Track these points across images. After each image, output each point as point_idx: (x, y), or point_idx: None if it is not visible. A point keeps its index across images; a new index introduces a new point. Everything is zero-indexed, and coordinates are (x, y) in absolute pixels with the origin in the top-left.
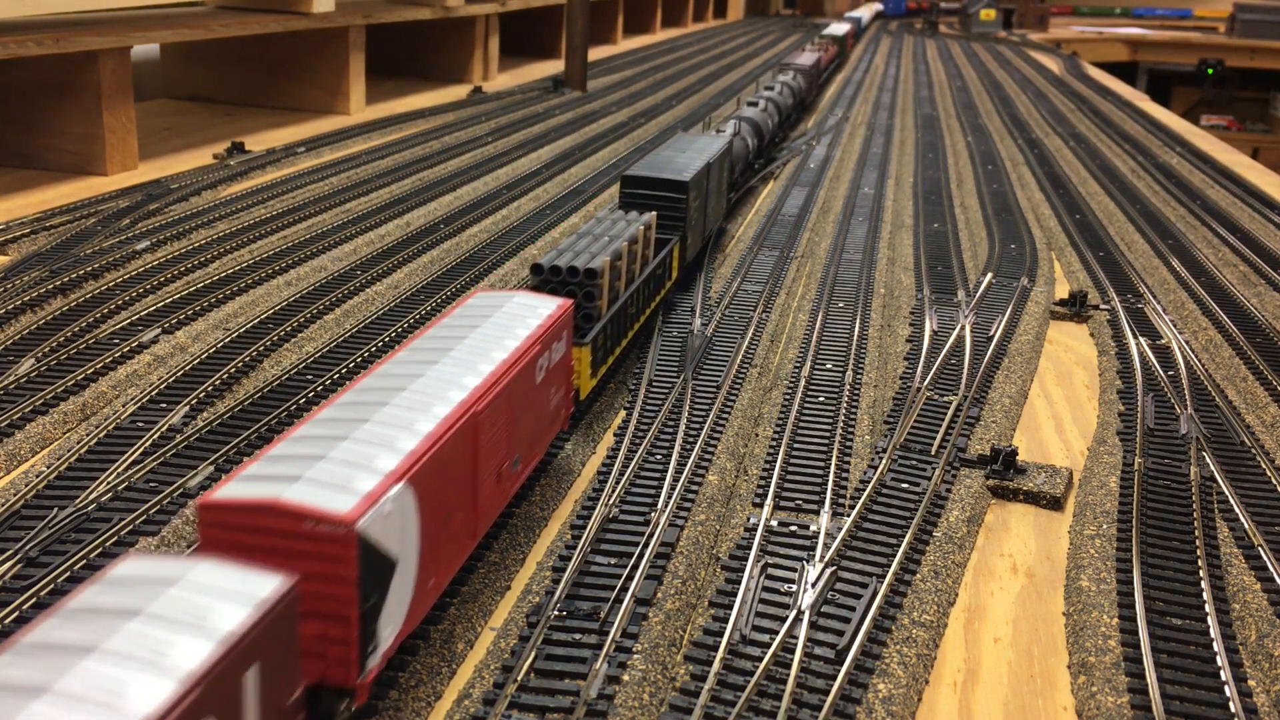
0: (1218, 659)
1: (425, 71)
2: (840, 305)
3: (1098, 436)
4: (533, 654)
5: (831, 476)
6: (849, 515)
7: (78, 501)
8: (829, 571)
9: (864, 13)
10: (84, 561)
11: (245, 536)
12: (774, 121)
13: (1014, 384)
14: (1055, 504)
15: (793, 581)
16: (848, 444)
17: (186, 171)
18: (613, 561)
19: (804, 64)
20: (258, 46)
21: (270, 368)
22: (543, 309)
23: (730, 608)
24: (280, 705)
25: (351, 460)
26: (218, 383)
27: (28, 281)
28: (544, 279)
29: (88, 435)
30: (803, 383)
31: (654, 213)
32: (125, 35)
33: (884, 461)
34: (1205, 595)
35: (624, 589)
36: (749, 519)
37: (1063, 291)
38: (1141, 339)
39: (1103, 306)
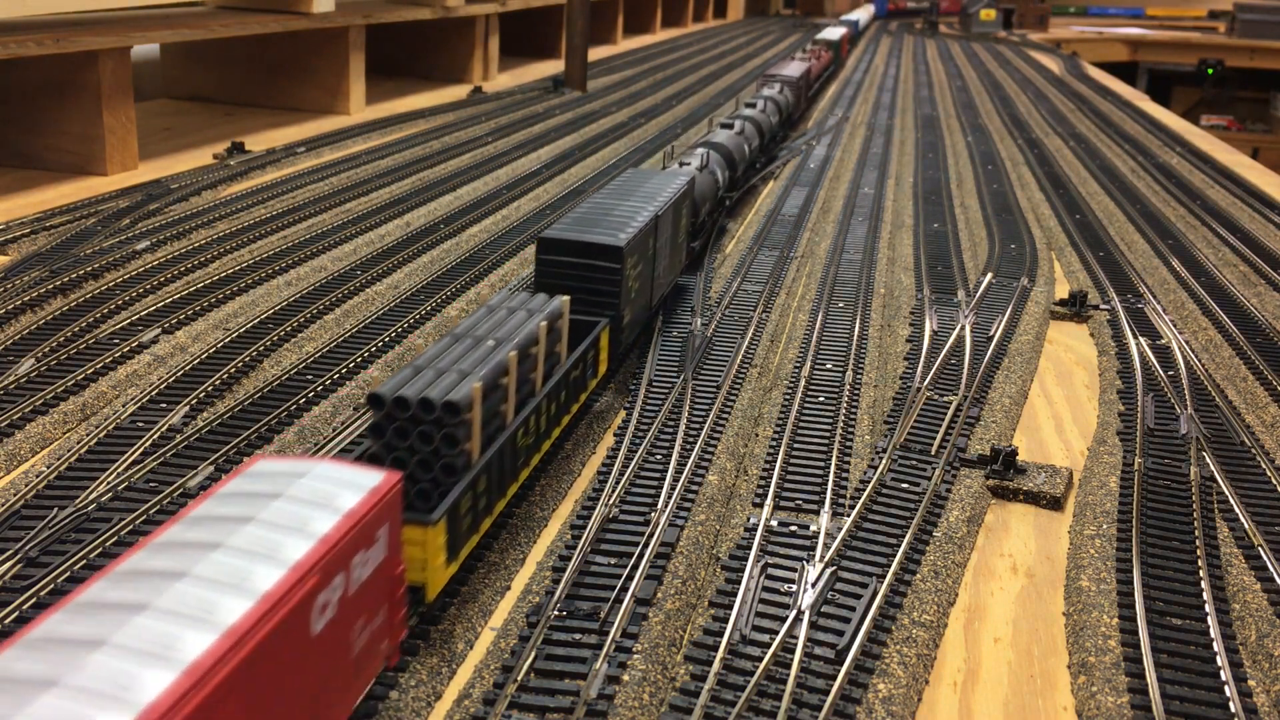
0: (1218, 659)
1: (425, 71)
2: (840, 305)
3: (1098, 436)
4: (533, 654)
5: (831, 476)
6: (849, 515)
7: (78, 501)
8: (829, 571)
9: (861, 14)
10: (84, 561)
11: None
12: (752, 146)
13: (1014, 384)
14: (1055, 504)
15: (793, 581)
16: (848, 444)
17: (186, 171)
18: (613, 561)
19: (791, 75)
20: (258, 46)
21: (270, 368)
22: (344, 497)
23: (730, 608)
24: None
25: None
26: (218, 383)
27: (28, 281)
28: (386, 415)
29: (88, 435)
30: (803, 383)
31: (565, 299)
32: (125, 35)
33: (884, 461)
34: (1205, 595)
35: (624, 589)
36: (749, 519)
37: (1063, 291)
38: (1141, 339)
39: (1103, 306)
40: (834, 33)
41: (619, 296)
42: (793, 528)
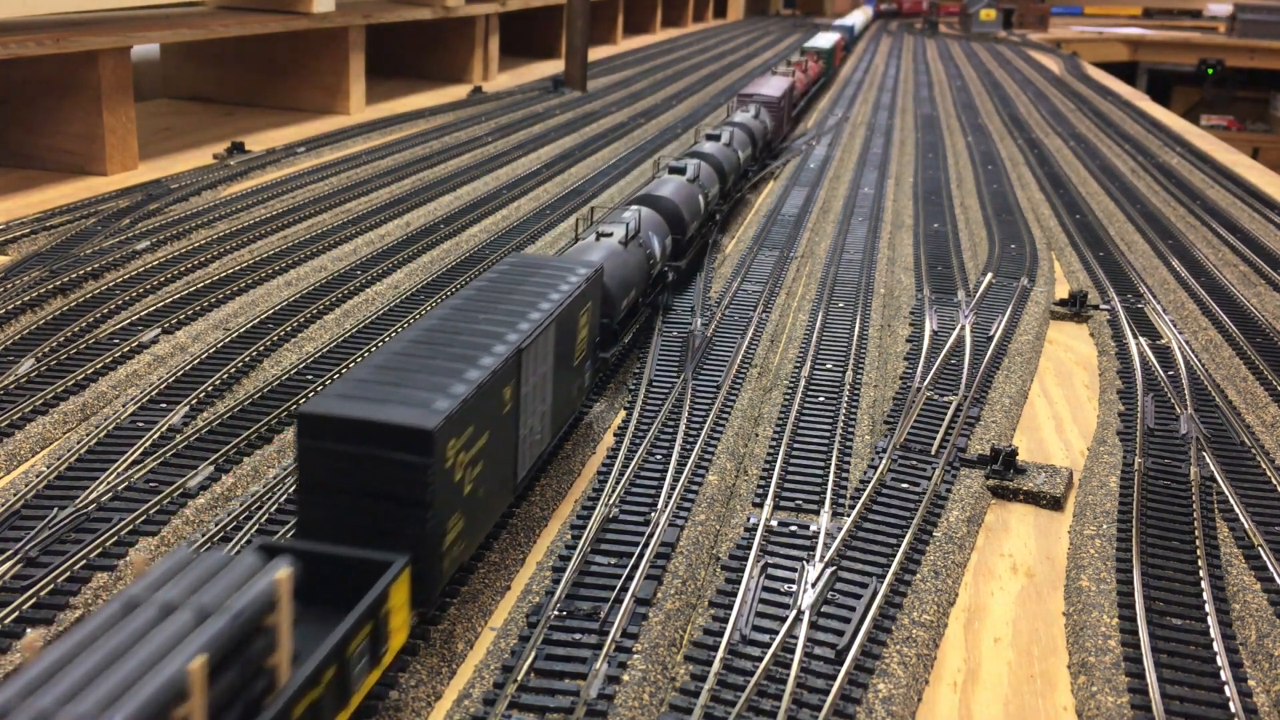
0: (1218, 659)
1: (425, 71)
2: (840, 305)
3: (1098, 436)
4: (533, 654)
5: (831, 476)
6: (849, 515)
7: (78, 501)
8: (829, 571)
9: (858, 17)
10: (84, 561)
11: None
12: (710, 194)
13: (1014, 384)
14: (1055, 504)
15: (793, 581)
16: (848, 444)
17: (186, 171)
18: (613, 561)
19: (770, 95)
20: (258, 46)
21: (270, 368)
22: None
23: (730, 608)
24: None
25: None
26: (218, 383)
27: (28, 281)
28: None
29: (88, 435)
30: (803, 383)
31: (284, 574)
32: (125, 35)
33: (884, 461)
34: (1205, 595)
35: (624, 589)
36: (749, 519)
37: (1063, 291)
38: (1141, 339)
39: (1103, 306)
40: (825, 40)
41: (427, 510)
42: (793, 528)
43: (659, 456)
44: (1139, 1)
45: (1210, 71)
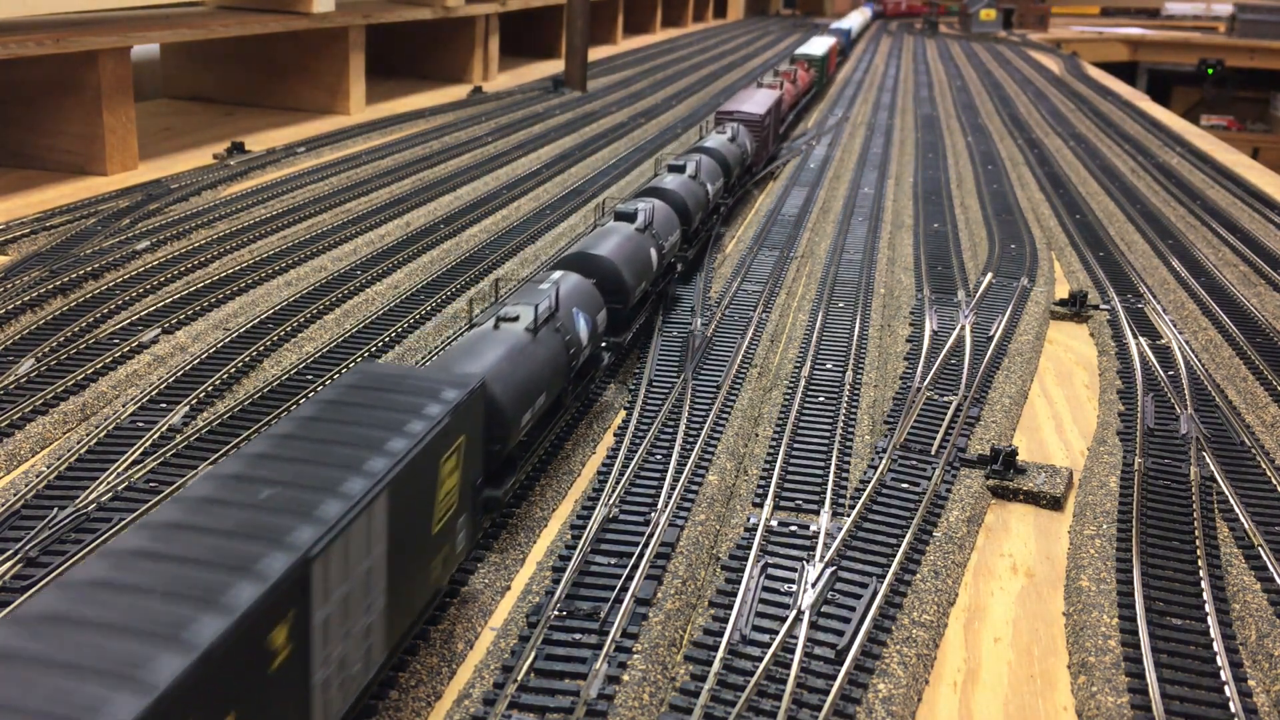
0: (1218, 659)
1: (425, 71)
2: (840, 305)
3: (1098, 436)
4: (533, 654)
5: (831, 476)
6: (849, 515)
7: (78, 501)
8: (829, 571)
9: (856, 19)
10: (84, 562)
11: None
12: (666, 245)
13: (1014, 384)
14: (1055, 504)
15: (793, 581)
16: (848, 444)
17: (186, 171)
18: (613, 561)
19: (753, 113)
20: (258, 46)
21: (270, 368)
22: None
23: (730, 608)
24: None
25: None
26: (218, 383)
27: (28, 281)
28: None
29: (88, 435)
30: (803, 383)
31: None
32: (125, 35)
33: (884, 461)
34: (1205, 595)
35: (624, 589)
36: (749, 519)
37: (1063, 291)
38: (1141, 339)
39: (1103, 306)
40: (818, 46)
41: None
42: (793, 528)
43: (659, 456)
44: (1098, 1)
45: (1210, 71)
